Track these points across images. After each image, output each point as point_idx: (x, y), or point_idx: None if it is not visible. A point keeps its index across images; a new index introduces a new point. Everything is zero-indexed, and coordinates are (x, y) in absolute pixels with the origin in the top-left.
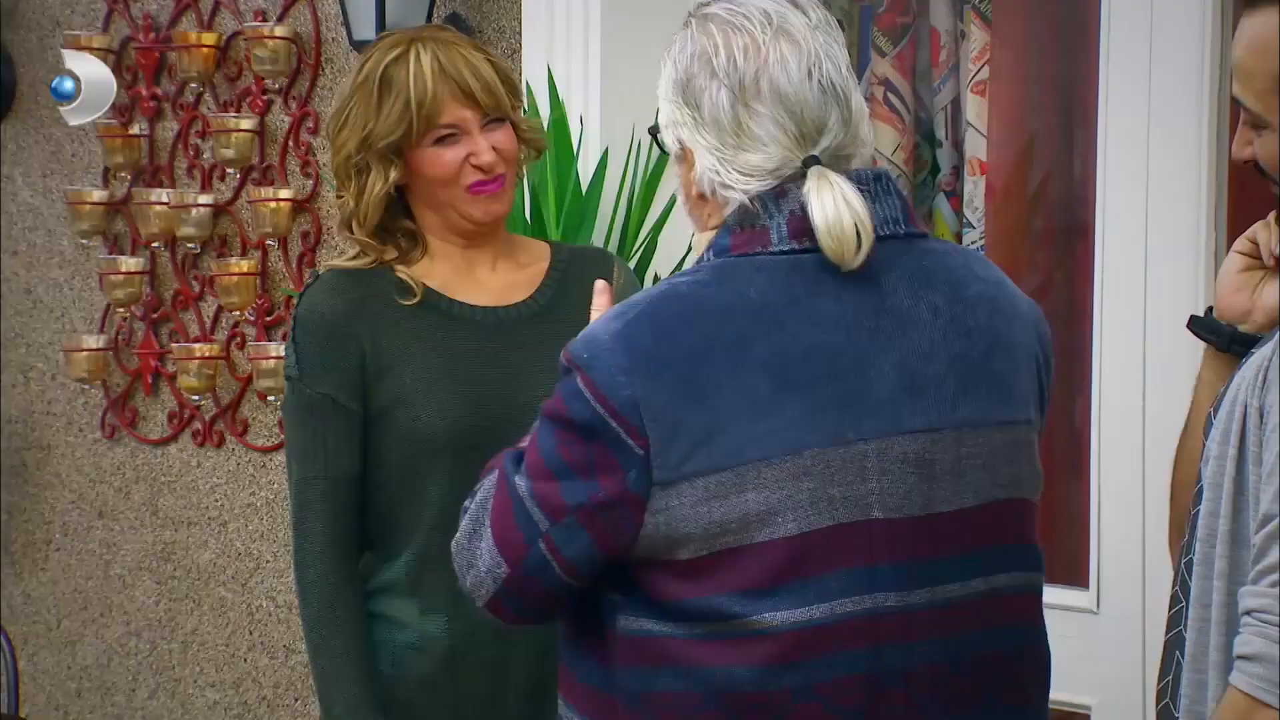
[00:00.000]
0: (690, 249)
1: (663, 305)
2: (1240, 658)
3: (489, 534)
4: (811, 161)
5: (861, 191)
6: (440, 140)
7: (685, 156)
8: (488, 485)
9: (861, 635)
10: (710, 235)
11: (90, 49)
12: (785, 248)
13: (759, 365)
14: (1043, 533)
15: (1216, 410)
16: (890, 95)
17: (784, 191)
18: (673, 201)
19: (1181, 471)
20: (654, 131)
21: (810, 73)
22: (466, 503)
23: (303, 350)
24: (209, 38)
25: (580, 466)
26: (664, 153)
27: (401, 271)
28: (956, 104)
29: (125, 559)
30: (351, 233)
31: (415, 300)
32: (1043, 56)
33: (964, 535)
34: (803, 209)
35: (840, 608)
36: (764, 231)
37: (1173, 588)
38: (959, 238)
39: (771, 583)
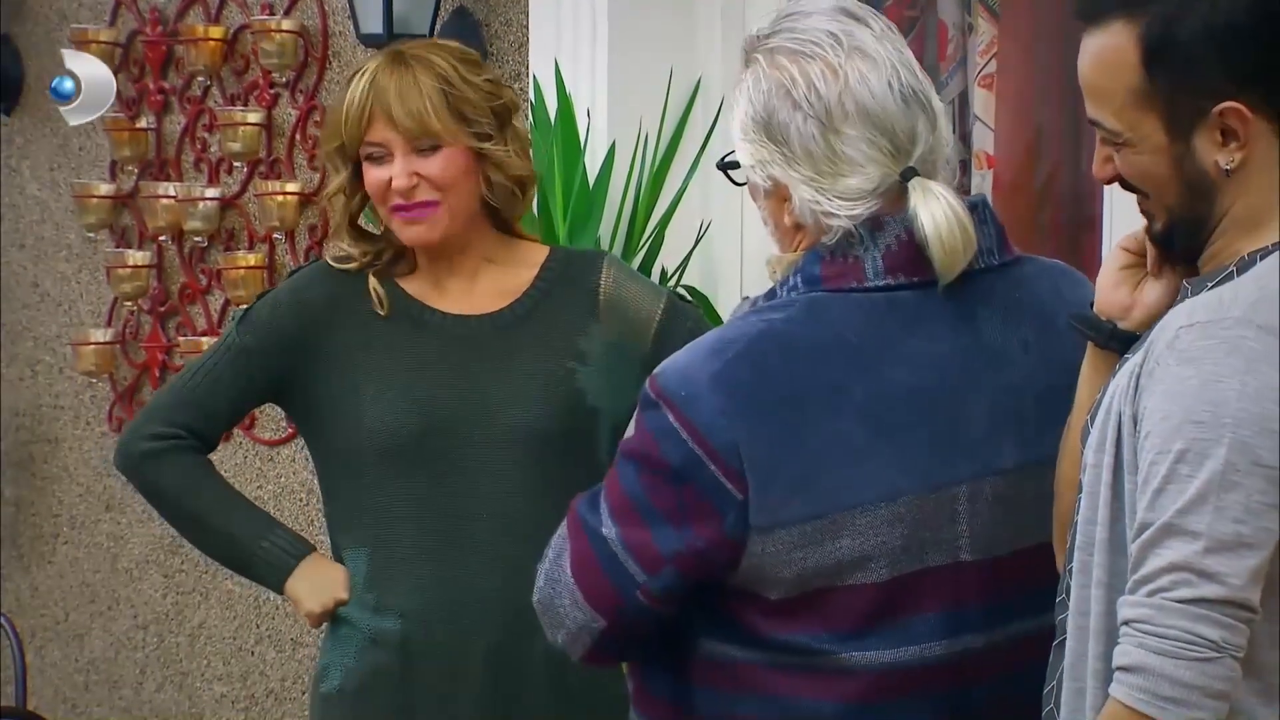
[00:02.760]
0: (696, 243)
1: (761, 345)
2: (1120, 669)
3: (573, 589)
4: (910, 174)
5: None
6: (370, 158)
7: (777, 192)
8: (558, 539)
9: (947, 677)
10: (794, 258)
11: (97, 42)
12: (880, 283)
13: (855, 410)
14: None
15: (1093, 417)
16: None
17: (880, 224)
18: (679, 195)
19: (1064, 468)
20: (724, 167)
21: (891, 85)
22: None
23: (260, 312)
24: (216, 31)
25: (672, 512)
26: (735, 184)
27: (380, 281)
28: (964, 98)
29: (133, 552)
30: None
31: (385, 311)
32: (1050, 50)
33: (1043, 570)
34: (899, 243)
35: (929, 651)
36: (858, 264)
37: (1059, 594)
38: None
39: (861, 626)
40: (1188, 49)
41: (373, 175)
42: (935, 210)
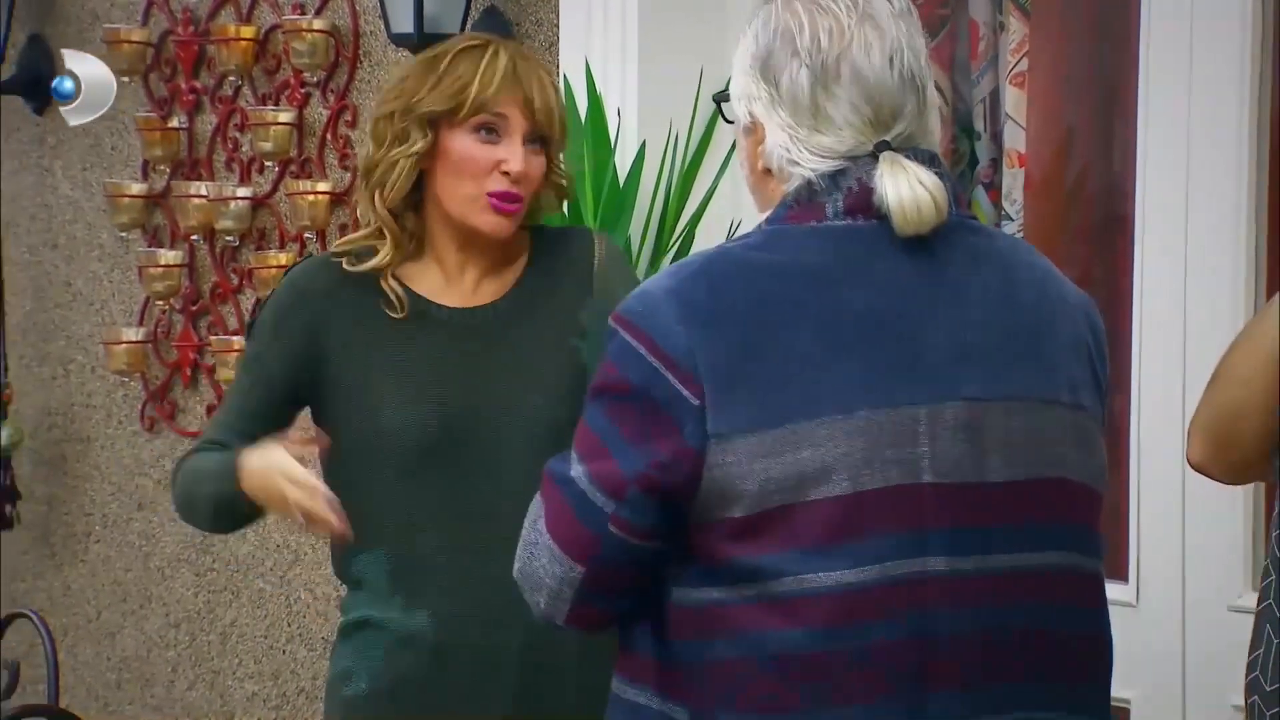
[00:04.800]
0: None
1: (716, 264)
2: None
3: (549, 545)
4: (883, 147)
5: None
6: (480, 130)
7: (755, 130)
8: (534, 504)
9: (911, 599)
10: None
11: (129, 42)
12: (840, 222)
13: (812, 325)
14: None
15: None
16: None
17: (843, 170)
18: (709, 195)
19: (1233, 360)
20: (719, 99)
21: (892, 60)
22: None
23: (265, 317)
24: (247, 31)
25: (635, 434)
26: (726, 121)
27: (389, 281)
28: (995, 96)
29: (164, 550)
30: (374, 207)
31: (400, 312)
32: (1082, 48)
33: (1014, 507)
34: (860, 185)
35: (892, 570)
36: (820, 206)
37: (1265, 560)
38: None
39: (824, 541)
40: None
41: (482, 150)
42: (900, 182)
